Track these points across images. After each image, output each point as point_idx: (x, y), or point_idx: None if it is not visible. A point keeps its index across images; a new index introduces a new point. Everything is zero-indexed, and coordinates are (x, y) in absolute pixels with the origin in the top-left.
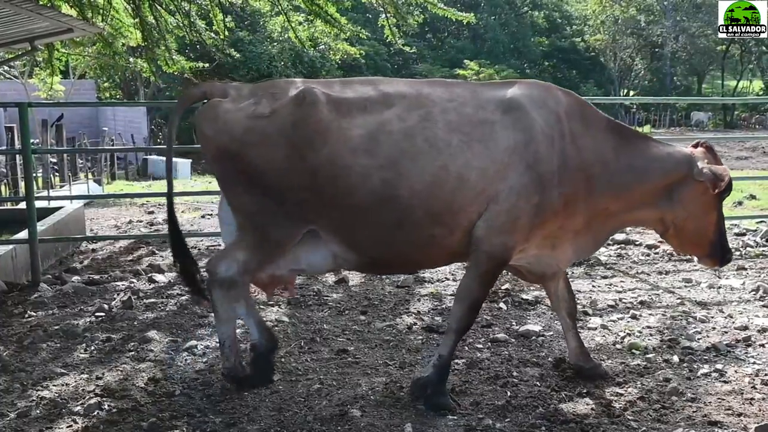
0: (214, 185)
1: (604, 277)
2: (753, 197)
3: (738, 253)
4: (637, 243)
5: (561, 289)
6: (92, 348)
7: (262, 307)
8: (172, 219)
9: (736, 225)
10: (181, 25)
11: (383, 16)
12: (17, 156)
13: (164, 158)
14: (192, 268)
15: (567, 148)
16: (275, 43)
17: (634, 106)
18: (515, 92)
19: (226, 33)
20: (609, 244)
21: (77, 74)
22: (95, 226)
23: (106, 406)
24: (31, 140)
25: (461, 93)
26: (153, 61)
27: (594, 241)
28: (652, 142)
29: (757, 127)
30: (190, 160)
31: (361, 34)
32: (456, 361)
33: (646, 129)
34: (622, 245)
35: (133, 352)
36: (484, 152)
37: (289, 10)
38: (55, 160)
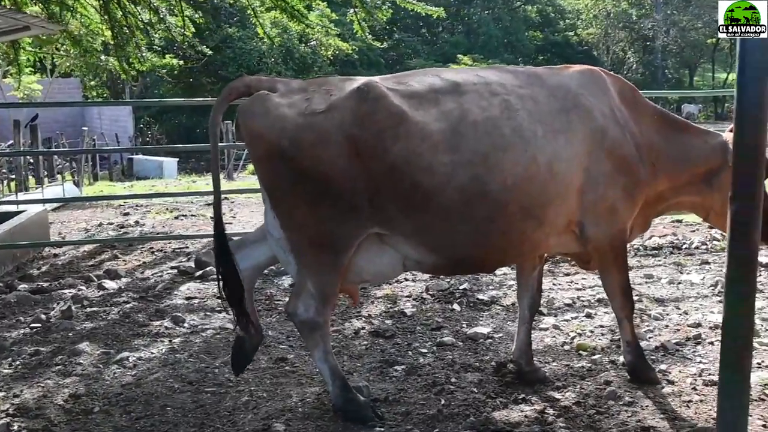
0: (198, 185)
1: (567, 275)
2: None
3: (704, 246)
4: None
5: (533, 279)
6: (17, 363)
7: (208, 313)
8: (218, 225)
9: None
10: (151, 21)
11: (351, 11)
12: None
13: (149, 158)
14: (239, 291)
15: (634, 132)
16: (265, 40)
17: None
18: (578, 79)
19: (192, 30)
20: None
21: (58, 72)
22: (65, 229)
23: (15, 427)
24: (9, 143)
25: (529, 80)
26: (125, 59)
27: (643, 224)
28: (692, 128)
29: None
30: (177, 159)
31: (330, 30)
32: (396, 367)
33: None
34: None
35: (60, 366)
36: (567, 142)
37: (257, 6)
38: (32, 161)
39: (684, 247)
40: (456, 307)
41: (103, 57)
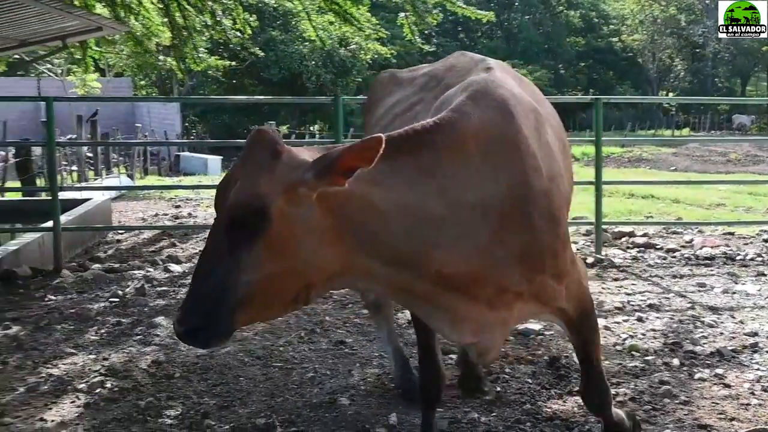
0: None
1: (615, 279)
2: None
3: (760, 258)
4: (657, 246)
5: None
6: (102, 331)
7: None
8: None
9: (765, 231)
10: (208, 24)
11: (402, 15)
12: None
13: (194, 155)
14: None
15: None
16: (306, 43)
17: (673, 108)
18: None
19: (249, 31)
20: (628, 247)
21: (114, 72)
22: (123, 218)
23: (108, 385)
24: (69, 136)
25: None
26: (182, 60)
27: None
28: None
29: None
30: (221, 157)
31: (380, 33)
32: (450, 356)
33: (685, 132)
34: (642, 248)
35: (140, 336)
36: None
37: (311, 10)
38: (90, 155)
39: (738, 258)
40: None
41: (161, 57)
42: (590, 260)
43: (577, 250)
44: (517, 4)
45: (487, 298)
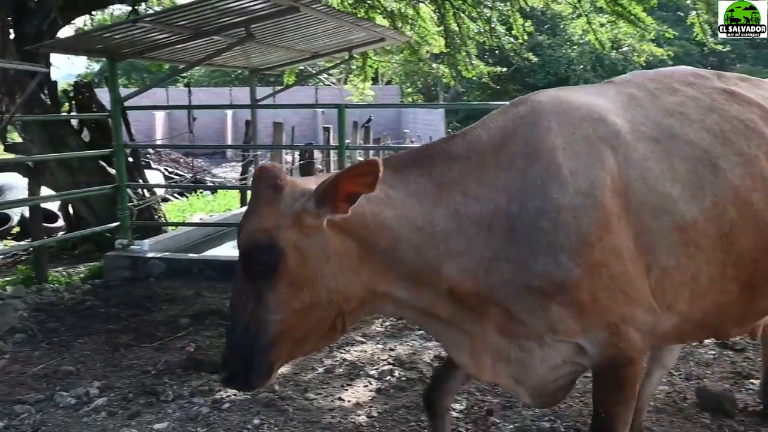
0: None
1: None
2: None
3: None
4: None
5: None
6: (387, 324)
7: None
8: None
9: None
10: (482, 31)
11: (693, 13)
12: (330, 153)
13: None
14: None
15: None
16: (575, 47)
17: None
18: None
19: (525, 37)
20: None
21: (384, 80)
22: None
23: (396, 374)
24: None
25: None
26: (453, 67)
27: None
28: None
29: None
30: None
31: (667, 34)
32: (751, 380)
33: None
34: None
35: (421, 332)
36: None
37: (591, 12)
38: (361, 159)
39: None
40: None
41: (434, 65)
42: None
43: None
44: None
45: (499, 324)
